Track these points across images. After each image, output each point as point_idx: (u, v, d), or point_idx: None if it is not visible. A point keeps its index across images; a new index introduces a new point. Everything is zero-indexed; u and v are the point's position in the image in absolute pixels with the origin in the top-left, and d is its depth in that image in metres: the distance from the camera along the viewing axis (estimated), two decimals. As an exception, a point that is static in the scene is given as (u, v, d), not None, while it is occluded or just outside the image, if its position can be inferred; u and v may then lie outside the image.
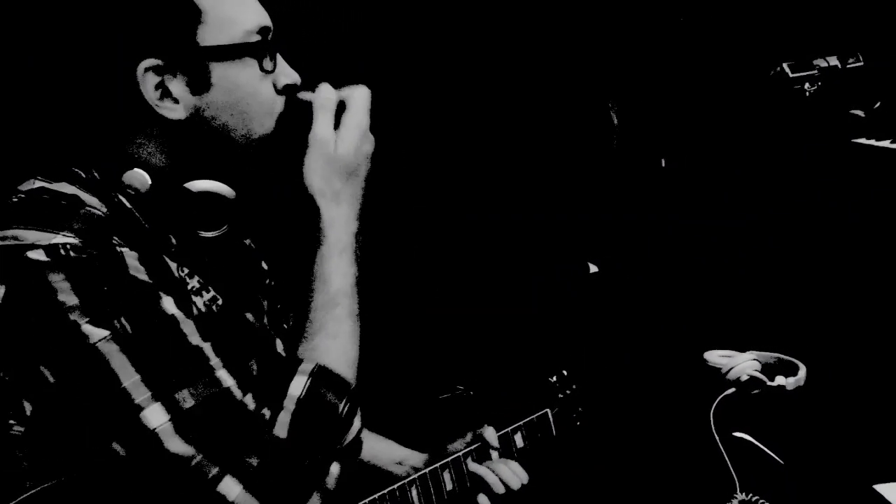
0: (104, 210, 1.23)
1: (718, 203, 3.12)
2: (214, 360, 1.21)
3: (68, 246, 1.16)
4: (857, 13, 3.06)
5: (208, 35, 1.26)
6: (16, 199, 1.22)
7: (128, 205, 1.28)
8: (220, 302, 1.34)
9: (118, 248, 1.19)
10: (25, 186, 1.24)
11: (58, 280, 1.14)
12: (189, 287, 1.30)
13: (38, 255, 1.15)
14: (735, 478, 1.66)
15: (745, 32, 3.12)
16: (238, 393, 1.21)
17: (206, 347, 1.21)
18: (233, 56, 1.27)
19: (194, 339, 1.21)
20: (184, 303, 1.25)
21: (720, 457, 1.66)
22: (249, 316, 1.41)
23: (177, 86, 1.26)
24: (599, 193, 3.16)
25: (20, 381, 1.17)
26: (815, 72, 2.89)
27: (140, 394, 1.15)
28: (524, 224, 3.03)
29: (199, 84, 1.27)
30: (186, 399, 1.17)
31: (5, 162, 1.53)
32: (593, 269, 3.10)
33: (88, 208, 1.21)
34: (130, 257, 1.19)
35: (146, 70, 1.24)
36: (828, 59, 2.91)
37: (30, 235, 1.16)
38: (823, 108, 2.92)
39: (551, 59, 3.04)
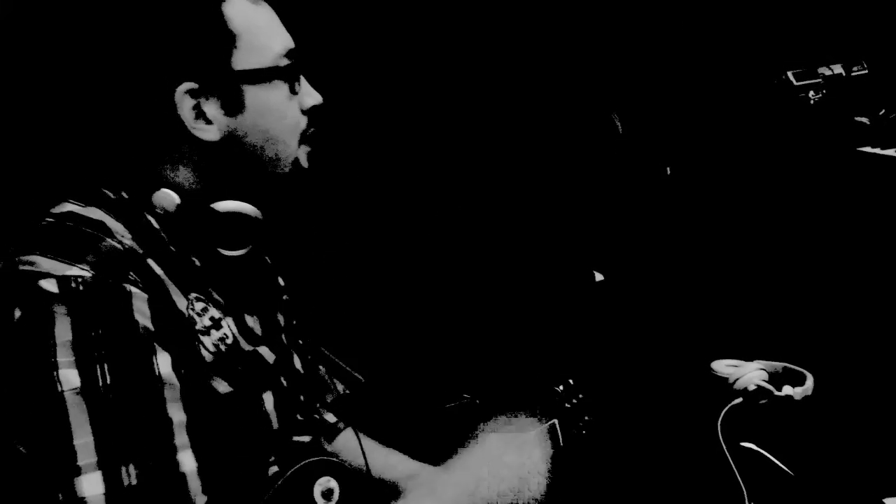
0: (129, 237, 1.24)
1: (724, 211, 3.12)
2: (181, 440, 1.19)
3: (80, 279, 1.16)
4: (861, 21, 3.06)
5: (242, 59, 1.29)
6: (44, 223, 1.23)
7: (155, 225, 1.30)
8: (229, 341, 1.33)
9: (129, 288, 1.19)
10: (56, 209, 1.25)
11: (60, 312, 1.14)
12: (198, 327, 1.29)
13: (49, 285, 1.15)
14: (743, 488, 1.65)
15: (749, 40, 3.13)
16: (194, 483, 1.18)
17: (179, 423, 1.19)
18: (265, 79, 1.31)
19: (172, 408, 1.19)
20: (186, 351, 1.24)
21: (728, 467, 1.66)
22: (264, 350, 1.41)
23: (211, 108, 1.29)
24: (604, 201, 3.16)
25: (14, 402, 1.17)
26: (820, 80, 2.91)
27: (85, 457, 1.13)
28: (530, 232, 3.03)
29: (233, 106, 1.30)
30: (131, 475, 1.13)
31: (43, 182, 1.54)
32: (599, 277, 3.10)
33: (110, 241, 1.22)
34: (139, 299, 1.19)
35: (184, 93, 1.27)
36: (832, 66, 2.93)
37: (46, 264, 1.16)
38: (828, 116, 2.93)
39: (555, 68, 3.04)
